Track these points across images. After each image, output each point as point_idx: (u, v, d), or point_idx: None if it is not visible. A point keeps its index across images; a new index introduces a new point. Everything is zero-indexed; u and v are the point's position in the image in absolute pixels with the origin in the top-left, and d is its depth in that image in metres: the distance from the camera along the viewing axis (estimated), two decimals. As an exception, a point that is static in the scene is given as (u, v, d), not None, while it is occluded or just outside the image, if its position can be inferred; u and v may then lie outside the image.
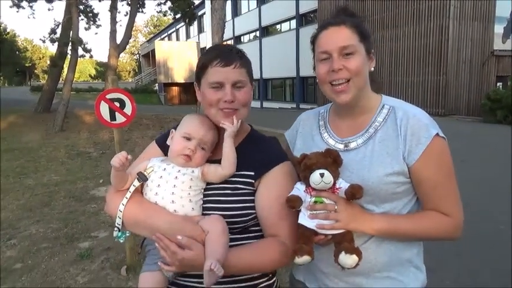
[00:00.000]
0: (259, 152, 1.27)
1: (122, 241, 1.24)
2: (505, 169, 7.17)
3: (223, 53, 1.24)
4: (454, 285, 3.28)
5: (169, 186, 1.19)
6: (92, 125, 13.41)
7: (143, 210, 1.18)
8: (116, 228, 1.20)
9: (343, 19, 1.24)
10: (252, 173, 1.23)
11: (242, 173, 1.23)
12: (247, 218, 1.20)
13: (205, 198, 1.22)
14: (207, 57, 1.24)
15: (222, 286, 1.16)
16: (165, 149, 1.32)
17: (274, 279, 1.31)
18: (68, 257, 3.93)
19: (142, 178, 1.20)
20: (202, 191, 1.23)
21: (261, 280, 1.26)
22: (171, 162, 1.24)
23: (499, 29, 17.34)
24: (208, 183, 1.24)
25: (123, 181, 1.22)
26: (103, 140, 11.35)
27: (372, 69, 1.27)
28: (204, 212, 1.20)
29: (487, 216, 4.77)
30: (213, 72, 1.21)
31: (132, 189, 1.19)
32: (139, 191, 1.23)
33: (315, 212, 1.13)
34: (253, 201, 1.21)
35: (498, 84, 17.17)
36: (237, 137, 1.27)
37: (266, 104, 30.62)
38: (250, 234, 1.23)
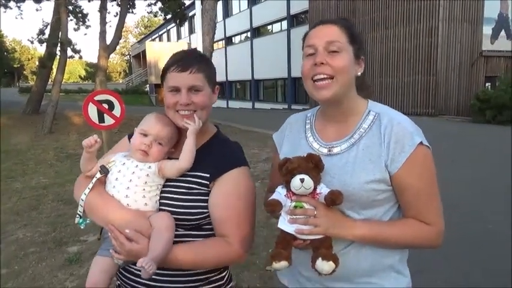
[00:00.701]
0: (218, 155, 1.33)
1: (82, 227, 1.34)
2: (495, 169, 7.25)
3: (182, 59, 1.31)
4: (445, 285, 3.28)
5: (126, 181, 1.26)
6: (82, 126, 13.25)
7: (100, 201, 1.26)
8: (77, 215, 1.30)
9: (335, 20, 1.24)
10: (207, 175, 1.28)
11: (198, 174, 1.28)
12: (200, 216, 1.26)
13: (162, 195, 1.29)
14: (167, 63, 1.33)
15: (172, 279, 1.27)
16: None
17: (226, 272, 1.39)
18: (56, 261, 3.85)
19: (104, 171, 1.29)
20: (160, 187, 1.29)
21: (212, 274, 1.33)
22: (131, 158, 1.31)
23: (487, 30, 17.57)
24: (166, 181, 1.30)
25: (89, 164, 1.32)
26: (93, 142, 11.18)
27: (359, 74, 1.25)
28: (160, 208, 1.27)
29: (476, 216, 4.80)
30: (171, 77, 1.29)
31: (94, 180, 1.28)
32: (103, 182, 1.31)
33: (294, 216, 1.13)
34: (206, 201, 1.27)
35: (487, 84, 17.41)
36: (201, 137, 1.35)
37: (258, 105, 30.62)
38: (203, 232, 1.29)
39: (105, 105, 3.20)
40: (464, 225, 4.38)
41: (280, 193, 1.16)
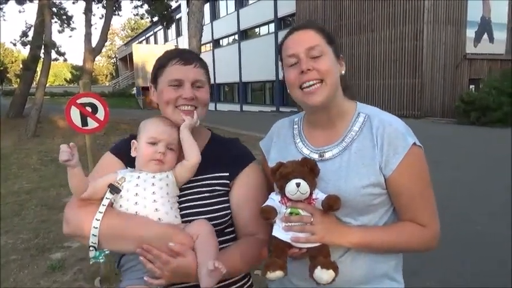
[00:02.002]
0: (228, 153, 1.28)
1: (101, 261, 1.13)
2: (480, 170, 7.36)
3: (182, 53, 1.26)
4: (438, 285, 3.30)
5: (149, 194, 1.12)
6: (67, 130, 13.00)
7: (123, 222, 1.09)
8: (91, 248, 1.09)
9: (308, 23, 1.22)
10: (227, 174, 1.23)
11: (217, 174, 1.23)
12: (225, 218, 1.20)
13: (183, 205, 1.18)
14: (166, 57, 1.25)
15: None
16: (123, 157, 1.26)
17: (251, 281, 1.35)
18: (39, 269, 3.75)
19: (115, 190, 1.12)
20: (177, 198, 1.19)
21: (242, 282, 1.28)
22: (142, 171, 1.17)
23: (470, 33, 17.91)
24: (183, 190, 1.20)
25: (79, 181, 1.12)
26: (78, 146, 10.85)
27: (343, 72, 1.23)
28: (184, 219, 1.16)
29: (463, 218, 4.84)
30: (173, 70, 1.21)
31: (105, 202, 1.11)
32: (111, 205, 1.14)
33: (290, 224, 1.08)
34: (228, 201, 1.22)
35: (471, 86, 17.72)
36: (200, 141, 1.27)
37: (246, 108, 30.59)
38: (226, 237, 1.22)
39: (89, 109, 3.13)
40: (453, 226, 4.41)
41: (274, 199, 1.11)
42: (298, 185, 1.06)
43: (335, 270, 1.04)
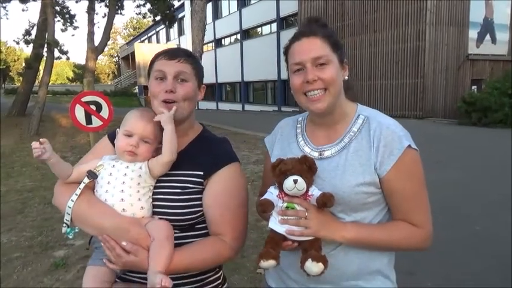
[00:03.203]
0: (209, 152, 1.30)
1: (71, 237, 1.24)
2: (481, 170, 7.36)
3: (170, 50, 1.32)
4: (435, 285, 3.31)
5: (119, 183, 1.21)
6: (69, 128, 13.07)
7: (91, 208, 1.19)
8: (64, 224, 1.21)
9: (315, 30, 1.23)
10: (201, 173, 1.26)
11: (192, 172, 1.26)
12: (195, 215, 1.24)
13: (155, 196, 1.24)
14: (156, 54, 1.33)
15: None
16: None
17: (221, 272, 1.39)
18: (42, 266, 3.77)
19: (92, 175, 1.22)
20: (152, 188, 1.25)
21: (208, 274, 1.32)
22: (119, 159, 1.26)
23: (473, 34, 17.88)
24: (158, 182, 1.26)
25: (63, 170, 1.24)
26: (80, 144, 11.06)
27: (346, 77, 1.28)
28: (154, 210, 1.23)
29: (463, 218, 4.85)
30: (158, 65, 1.28)
31: (81, 186, 1.21)
32: (91, 188, 1.24)
33: (285, 217, 1.13)
34: (201, 199, 1.25)
35: (473, 87, 17.69)
36: (187, 136, 1.34)
37: (248, 107, 30.61)
38: (197, 232, 1.27)
39: (93, 107, 3.15)
40: (451, 227, 4.42)
41: (272, 193, 1.17)
42: (295, 181, 1.11)
43: (324, 263, 1.09)
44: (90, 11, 14.13)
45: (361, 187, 1.17)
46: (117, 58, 68.11)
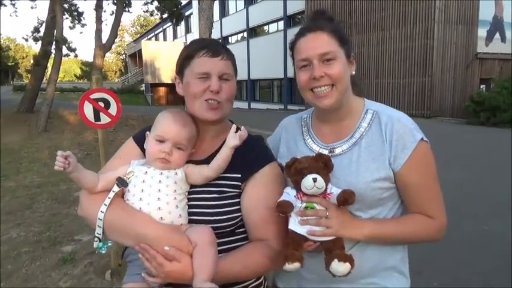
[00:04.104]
0: (245, 153, 1.20)
1: (103, 252, 1.15)
2: (489, 170, 7.29)
3: (210, 43, 1.21)
4: (442, 285, 3.29)
5: (154, 191, 1.12)
6: (76, 125, 13.16)
7: (126, 217, 1.10)
8: (96, 239, 1.11)
9: (322, 25, 1.21)
10: (239, 176, 1.18)
11: (228, 175, 1.18)
12: (234, 221, 1.17)
13: (190, 203, 1.16)
14: (193, 48, 1.21)
15: None
16: (143, 147, 1.25)
17: (262, 279, 1.29)
18: (50, 261, 3.82)
19: (122, 183, 1.13)
20: (187, 194, 1.17)
21: (249, 281, 1.23)
22: (151, 166, 1.17)
23: (482, 32, 17.68)
24: (192, 187, 1.18)
25: (87, 182, 1.15)
26: (87, 141, 11.14)
27: (353, 72, 1.26)
28: (190, 218, 1.15)
29: (471, 217, 4.82)
30: (200, 63, 1.17)
31: (111, 195, 1.12)
32: (120, 196, 1.15)
33: (305, 217, 1.10)
34: (239, 203, 1.17)
35: (481, 86, 17.52)
36: (222, 134, 1.24)
37: (254, 105, 30.59)
38: (237, 237, 1.19)
39: (101, 104, 3.17)
40: (460, 226, 4.39)
41: (289, 194, 1.13)
42: (314, 180, 1.08)
43: (351, 262, 1.06)
44: (98, 8, 14.18)
45: (376, 183, 1.17)
46: (124, 56, 68.40)
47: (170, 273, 1.04)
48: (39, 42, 16.43)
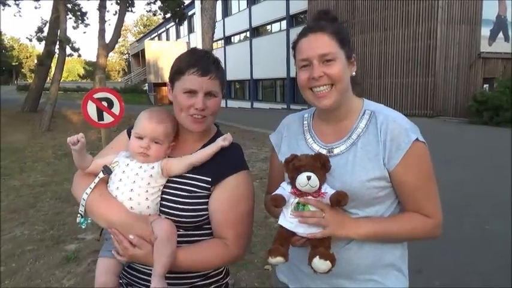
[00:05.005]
0: (219, 159, 1.29)
1: (83, 227, 1.32)
2: (492, 170, 7.27)
3: (201, 61, 1.27)
4: (443, 285, 3.30)
5: (129, 182, 1.25)
6: (80, 124, 13.23)
7: (102, 202, 1.25)
8: (78, 214, 1.28)
9: (323, 25, 1.23)
10: (209, 179, 1.28)
11: (200, 177, 1.28)
12: (200, 218, 1.27)
13: (163, 196, 1.28)
14: (184, 63, 1.28)
15: (173, 275, 1.25)
16: None
17: (223, 267, 1.41)
18: (54, 259, 3.85)
19: (107, 171, 1.28)
20: (161, 188, 1.28)
21: (212, 273, 1.35)
22: (134, 158, 1.30)
23: (485, 31, 17.62)
24: (167, 182, 1.29)
25: (83, 161, 1.30)
26: (91, 140, 11.17)
27: (354, 73, 1.27)
28: (162, 209, 1.27)
29: (473, 217, 4.81)
30: (189, 80, 1.26)
31: (96, 180, 1.27)
32: (106, 181, 1.29)
33: (301, 217, 1.13)
34: (207, 203, 1.27)
35: (485, 86, 17.44)
36: (205, 137, 1.36)
37: (257, 105, 30.61)
38: (204, 231, 1.30)
39: (105, 103, 3.20)
40: (460, 226, 4.39)
41: (284, 189, 1.17)
42: (308, 178, 1.11)
43: (332, 261, 1.09)
44: (101, 8, 14.24)
45: (372, 182, 1.18)
46: (127, 55, 68.59)
47: (134, 256, 1.20)
48: (43, 42, 16.52)
